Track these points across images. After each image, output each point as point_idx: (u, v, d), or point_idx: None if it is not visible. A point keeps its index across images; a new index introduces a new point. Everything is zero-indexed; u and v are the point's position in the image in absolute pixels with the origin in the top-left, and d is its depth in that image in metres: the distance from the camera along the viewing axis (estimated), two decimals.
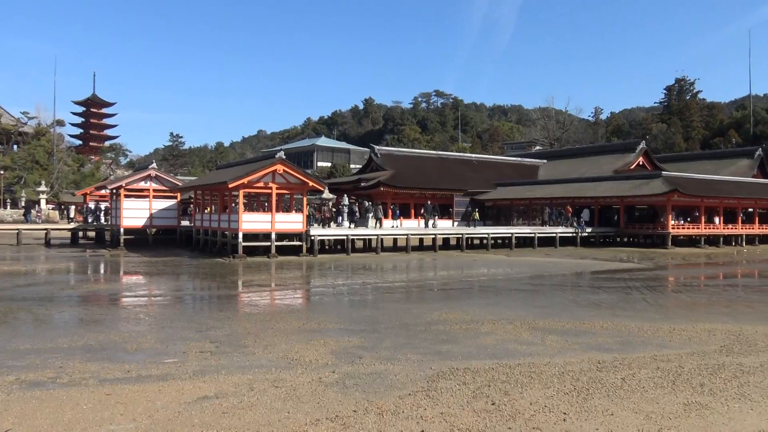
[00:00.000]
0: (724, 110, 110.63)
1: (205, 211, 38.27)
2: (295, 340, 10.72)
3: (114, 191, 40.11)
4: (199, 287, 21.41)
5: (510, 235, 39.67)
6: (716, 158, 63.63)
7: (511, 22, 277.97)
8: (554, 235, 40.41)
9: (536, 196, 47.64)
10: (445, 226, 43.73)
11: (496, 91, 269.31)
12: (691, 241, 43.27)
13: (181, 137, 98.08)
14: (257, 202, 40.93)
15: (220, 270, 25.46)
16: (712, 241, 43.83)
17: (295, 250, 31.65)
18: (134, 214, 38.62)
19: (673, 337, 11.24)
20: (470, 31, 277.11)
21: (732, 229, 45.41)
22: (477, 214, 45.83)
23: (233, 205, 32.61)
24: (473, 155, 64.19)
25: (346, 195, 41.31)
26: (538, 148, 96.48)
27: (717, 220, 45.07)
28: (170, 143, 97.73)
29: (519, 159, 64.21)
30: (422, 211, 43.10)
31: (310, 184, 32.90)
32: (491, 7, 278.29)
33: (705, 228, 43.64)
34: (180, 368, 8.63)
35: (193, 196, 42.58)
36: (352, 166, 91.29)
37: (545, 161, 62.97)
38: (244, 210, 32.20)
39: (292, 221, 32.30)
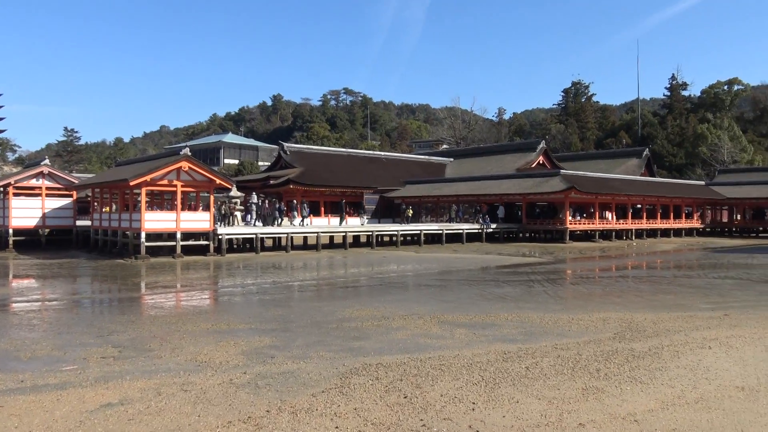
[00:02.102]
0: (616, 113, 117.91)
1: (104, 210, 36.40)
2: (204, 342, 10.45)
3: (1, 189, 37.36)
4: (99, 290, 20.37)
5: (419, 232, 40.41)
6: (609, 158, 67.79)
7: (419, 22, 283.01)
8: (461, 231, 41.55)
9: (444, 193, 48.80)
10: (354, 224, 43.91)
11: (404, 90, 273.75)
12: (587, 236, 45.80)
13: (76, 132, 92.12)
14: (161, 201, 39.41)
15: (122, 271, 24.34)
16: (606, 235, 46.60)
17: (202, 250, 30.76)
18: (25, 213, 36.15)
19: (571, 327, 11.88)
20: (380, 30, 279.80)
21: (623, 224, 48.48)
22: (410, 211, 46.13)
23: (135, 203, 31.24)
24: (382, 153, 64.83)
25: (254, 193, 40.58)
26: (445, 146, 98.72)
27: (610, 215, 48.02)
28: (64, 138, 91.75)
29: (427, 157, 65.48)
30: (349, 208, 43.71)
31: (217, 181, 32.03)
32: (400, 7, 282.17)
33: (599, 223, 46.40)
34: (80, 375, 8.20)
35: (90, 194, 40.38)
36: (260, 163, 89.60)
37: (452, 160, 64.58)
38: (147, 209, 30.91)
39: (198, 220, 31.35)
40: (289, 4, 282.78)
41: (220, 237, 31.02)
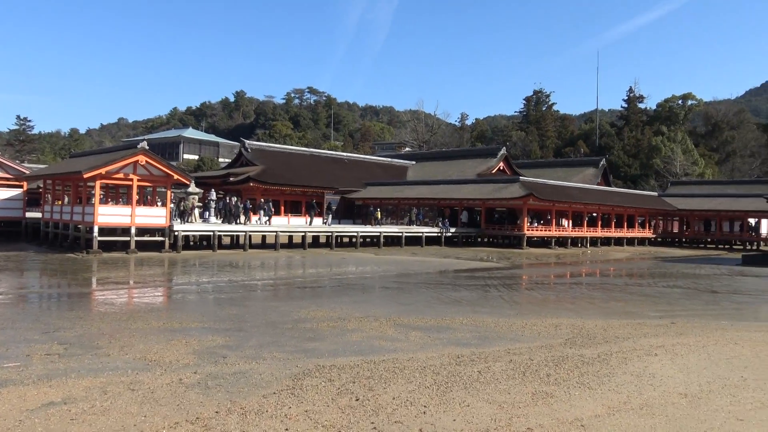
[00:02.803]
0: (575, 122, 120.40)
1: (56, 203, 35.35)
2: (155, 341, 10.24)
3: None
4: (47, 284, 19.76)
5: (378, 233, 40.46)
6: (567, 166, 69.13)
7: (385, 24, 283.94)
8: (421, 234, 41.78)
9: (405, 196, 48.97)
10: (317, 224, 43.69)
11: (369, 91, 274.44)
12: (544, 242, 46.60)
13: (29, 121, 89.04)
14: (116, 195, 38.50)
15: (72, 266, 23.67)
16: (562, 242, 47.49)
17: (158, 246, 30.16)
18: None
19: (525, 332, 12.05)
20: (346, 30, 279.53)
21: (579, 231, 49.48)
22: (379, 213, 46.01)
23: (89, 197, 30.43)
24: (345, 154, 64.68)
25: (213, 190, 40.00)
26: (407, 149, 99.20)
27: (566, 223, 48.95)
28: (17, 127, 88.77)
29: (389, 159, 65.62)
30: (323, 207, 43.71)
31: (175, 176, 31.46)
32: (367, 8, 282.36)
33: (556, 230, 47.23)
34: (22, 372, 7.93)
35: (42, 185, 39.17)
36: (221, 160, 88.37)
37: (414, 163, 64.88)
38: (101, 202, 30.16)
39: (154, 215, 30.74)
40: (256, 1, 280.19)
41: (176, 233, 30.48)
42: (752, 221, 57.68)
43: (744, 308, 17.94)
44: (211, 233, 32.63)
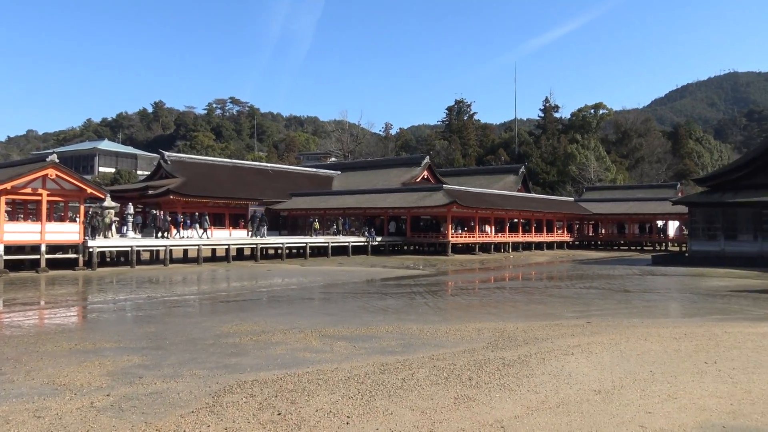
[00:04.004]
0: (495, 131, 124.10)
1: None
2: (65, 363, 9.70)
3: None
4: None
5: (305, 244, 40.12)
6: (489, 174, 71.11)
7: (309, 34, 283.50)
8: (347, 244, 41.75)
9: (330, 206, 48.86)
10: (239, 236, 42.88)
11: (293, 101, 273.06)
12: (468, 249, 47.58)
13: None
14: (24, 210, 36.42)
15: None
16: (485, 248, 48.63)
17: (71, 264, 28.72)
18: None
19: (449, 337, 12.22)
20: (269, 40, 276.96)
21: (501, 237, 50.85)
22: (317, 224, 45.37)
23: None
24: (269, 164, 63.89)
25: (131, 203, 38.55)
26: (333, 159, 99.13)
27: (489, 229, 50.22)
28: None
29: (314, 170, 65.37)
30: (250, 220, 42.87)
31: (89, 190, 30.06)
32: (290, 18, 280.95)
33: (479, 236, 48.37)
34: None
35: None
36: (139, 172, 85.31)
37: (339, 173, 64.91)
38: (7, 219, 28.45)
39: (66, 231, 29.24)
40: (173, 9, 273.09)
41: (90, 250, 29.13)
42: (660, 223, 61.13)
43: (653, 306, 18.91)
44: (129, 248, 31.38)
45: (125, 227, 36.00)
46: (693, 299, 20.67)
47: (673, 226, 61.16)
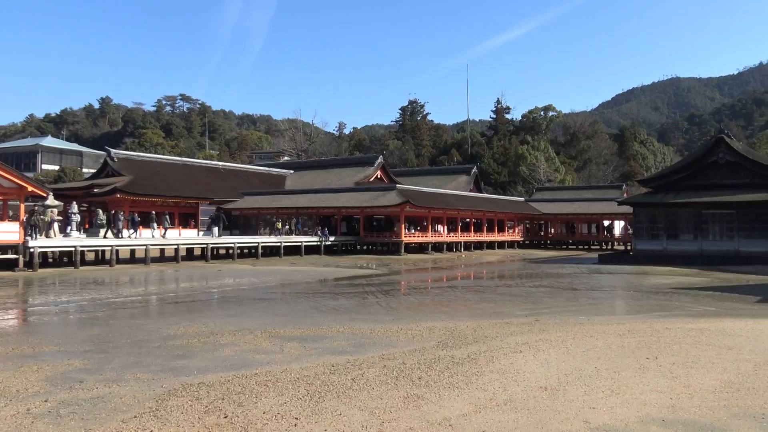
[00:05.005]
0: (448, 132, 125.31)
1: None
2: (0, 369, 9.29)
3: None
4: None
5: (256, 244, 39.64)
6: (442, 174, 71.78)
7: (262, 32, 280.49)
8: (300, 244, 41.44)
9: (283, 205, 48.42)
10: (189, 236, 42.06)
11: (246, 99, 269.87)
12: (421, 248, 47.89)
13: None
14: None
15: None
16: (438, 247, 49.05)
17: (10, 265, 27.61)
18: None
19: (399, 337, 12.25)
20: (221, 37, 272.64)
21: (454, 236, 51.38)
22: (280, 223, 44.81)
23: None
24: (220, 163, 62.93)
25: (75, 202, 37.31)
26: (286, 158, 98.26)
27: (442, 228, 50.67)
28: None
29: (267, 169, 64.68)
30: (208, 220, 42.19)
31: (29, 188, 28.96)
32: (243, 15, 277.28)
33: (432, 236, 48.73)
34: None
35: None
36: (85, 170, 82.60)
37: (292, 172, 64.41)
38: None
39: (4, 231, 28.08)
40: (122, 1, 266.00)
41: (31, 250, 28.07)
42: (607, 223, 62.87)
43: (599, 303, 19.42)
44: (73, 248, 30.37)
45: (69, 227, 34.85)
46: (637, 297, 21.31)
47: (619, 226, 62.99)
